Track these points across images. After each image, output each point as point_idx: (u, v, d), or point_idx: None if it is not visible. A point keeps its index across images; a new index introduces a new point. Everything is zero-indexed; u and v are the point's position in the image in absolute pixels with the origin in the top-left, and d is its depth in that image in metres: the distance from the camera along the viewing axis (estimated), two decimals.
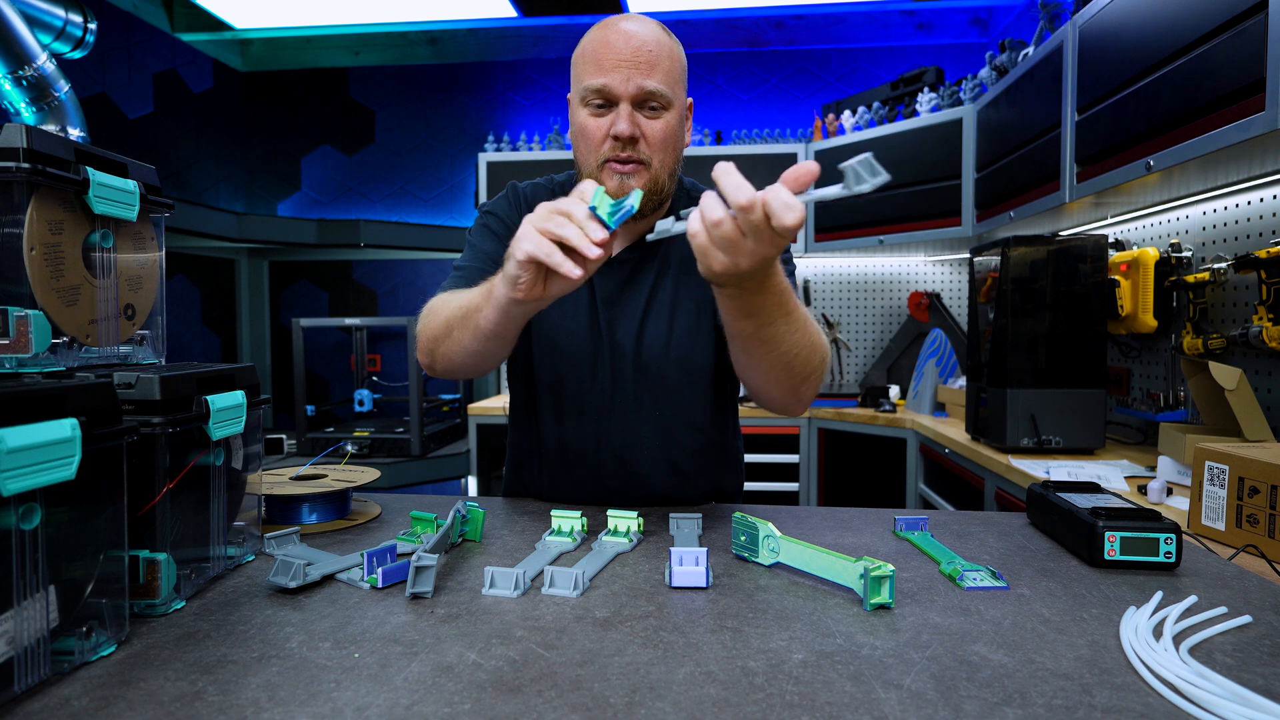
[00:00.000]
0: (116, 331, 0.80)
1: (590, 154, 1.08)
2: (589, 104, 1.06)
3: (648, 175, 1.07)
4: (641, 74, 1.03)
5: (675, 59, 1.08)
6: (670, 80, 1.06)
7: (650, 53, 1.04)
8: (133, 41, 3.18)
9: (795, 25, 3.60)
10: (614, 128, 1.04)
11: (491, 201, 1.24)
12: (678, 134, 1.10)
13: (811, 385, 0.99)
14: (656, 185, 1.08)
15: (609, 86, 1.03)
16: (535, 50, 3.82)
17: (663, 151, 1.07)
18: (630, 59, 1.03)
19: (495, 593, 0.76)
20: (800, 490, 3.08)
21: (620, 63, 1.03)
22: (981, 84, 2.70)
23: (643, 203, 1.06)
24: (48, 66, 1.32)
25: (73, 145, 0.73)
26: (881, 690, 0.56)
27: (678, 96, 1.08)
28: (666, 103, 1.06)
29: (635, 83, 1.03)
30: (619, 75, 1.03)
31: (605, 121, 1.06)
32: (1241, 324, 1.75)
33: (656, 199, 1.10)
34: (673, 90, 1.06)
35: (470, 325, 0.95)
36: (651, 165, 1.07)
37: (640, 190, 0.85)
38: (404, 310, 3.94)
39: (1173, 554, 0.84)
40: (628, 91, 1.03)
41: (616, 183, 1.07)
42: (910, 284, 3.51)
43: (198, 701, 0.55)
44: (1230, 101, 1.37)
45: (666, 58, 1.06)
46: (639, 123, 1.05)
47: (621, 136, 1.04)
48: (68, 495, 0.59)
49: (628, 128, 1.04)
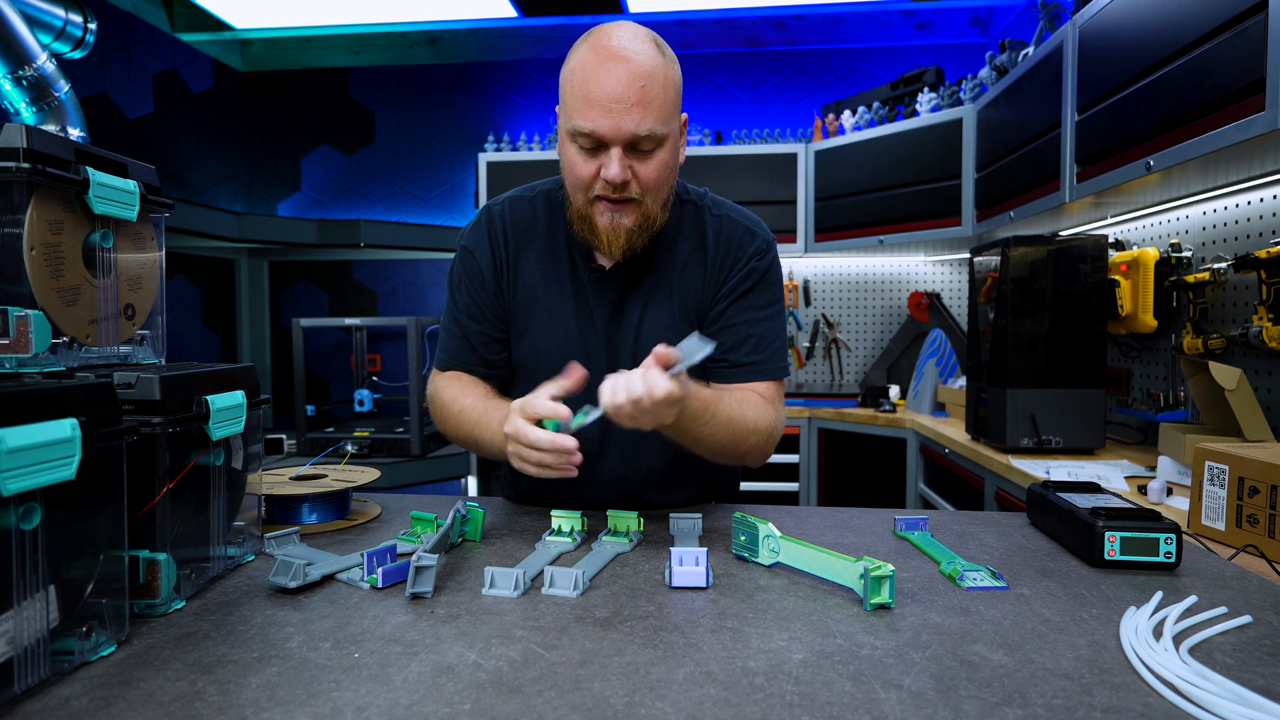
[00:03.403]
0: (116, 331, 0.80)
1: (580, 192, 1.05)
2: (578, 143, 1.01)
3: (639, 212, 1.05)
4: (634, 118, 0.97)
5: (669, 85, 1.01)
6: (664, 115, 1.00)
7: (642, 88, 0.97)
8: (133, 41, 3.18)
9: (795, 25, 3.60)
10: (605, 172, 1.00)
11: (466, 231, 1.21)
12: (671, 168, 1.06)
13: (753, 458, 1.11)
14: (649, 220, 1.06)
15: (599, 133, 0.98)
16: (535, 50, 3.82)
17: (655, 190, 1.04)
18: (621, 98, 0.96)
19: (495, 593, 0.76)
20: (800, 490, 3.08)
21: (611, 105, 0.97)
22: (981, 84, 2.70)
23: (638, 231, 1.05)
24: (48, 66, 1.32)
25: (73, 145, 0.73)
26: (881, 690, 0.56)
27: (672, 127, 1.03)
28: (660, 140, 1.01)
29: (627, 129, 0.97)
30: (609, 122, 0.97)
31: (595, 165, 1.01)
32: (1241, 324, 1.75)
33: (648, 233, 1.08)
34: (667, 125, 1.01)
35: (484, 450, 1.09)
36: (644, 203, 1.04)
37: (600, 410, 0.90)
38: (404, 310, 3.94)
39: (1173, 554, 0.84)
40: (619, 138, 0.98)
41: (608, 220, 1.04)
42: (910, 284, 3.51)
43: (198, 701, 0.55)
44: (1230, 101, 1.37)
45: (660, 90, 0.99)
46: (630, 165, 1.01)
47: (614, 182, 1.00)
48: (68, 495, 0.59)
49: (619, 173, 0.99)
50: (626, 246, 1.06)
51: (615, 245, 1.05)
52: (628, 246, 1.06)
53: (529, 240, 1.17)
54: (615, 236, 1.05)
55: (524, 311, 1.17)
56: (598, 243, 1.07)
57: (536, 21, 3.53)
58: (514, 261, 1.17)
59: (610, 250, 1.07)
